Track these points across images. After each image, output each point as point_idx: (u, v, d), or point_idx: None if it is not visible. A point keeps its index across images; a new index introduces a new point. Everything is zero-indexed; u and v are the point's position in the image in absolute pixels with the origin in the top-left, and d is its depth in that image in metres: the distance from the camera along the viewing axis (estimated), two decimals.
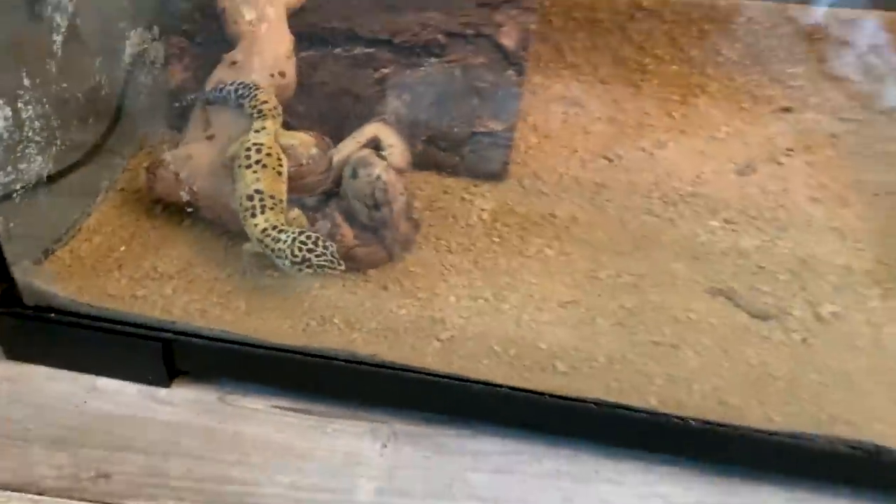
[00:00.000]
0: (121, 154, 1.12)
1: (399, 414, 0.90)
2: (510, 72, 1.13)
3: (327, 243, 0.89)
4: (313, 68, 1.10)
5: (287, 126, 1.01)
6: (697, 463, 0.88)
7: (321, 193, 0.96)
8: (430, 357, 0.89)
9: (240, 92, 0.97)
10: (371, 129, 0.97)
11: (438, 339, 0.92)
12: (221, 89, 0.99)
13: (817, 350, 0.95)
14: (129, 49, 1.09)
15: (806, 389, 0.90)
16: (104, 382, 0.93)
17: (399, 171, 0.94)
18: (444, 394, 0.87)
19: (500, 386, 0.86)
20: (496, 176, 1.13)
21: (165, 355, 0.90)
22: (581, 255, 1.04)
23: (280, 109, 0.97)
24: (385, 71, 1.10)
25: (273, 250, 0.89)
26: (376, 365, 0.86)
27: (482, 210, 1.10)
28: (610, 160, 1.20)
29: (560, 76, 1.39)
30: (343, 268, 0.89)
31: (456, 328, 0.93)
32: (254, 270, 0.94)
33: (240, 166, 0.92)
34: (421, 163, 1.11)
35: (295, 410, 0.91)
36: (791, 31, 1.41)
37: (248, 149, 0.92)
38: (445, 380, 0.86)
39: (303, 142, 0.98)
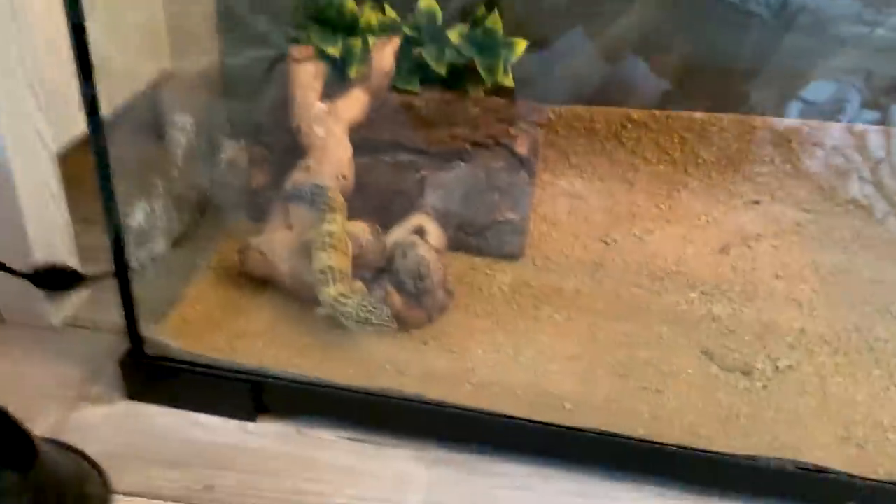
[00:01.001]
0: (212, 240, 1.39)
1: (438, 443, 1.09)
2: (523, 173, 1.40)
3: (383, 307, 1.14)
4: (367, 171, 1.30)
5: (348, 217, 1.28)
6: (679, 482, 1.09)
7: (377, 270, 1.22)
8: (462, 397, 1.12)
9: (314, 191, 1.24)
10: (416, 219, 1.24)
11: (470, 383, 1.15)
12: (300, 189, 1.27)
13: (774, 394, 1.17)
14: (224, 155, 1.37)
15: (763, 424, 1.12)
16: (205, 418, 1.17)
17: (438, 252, 1.20)
18: (475, 426, 1.06)
19: (519, 419, 1.08)
20: (514, 256, 1.35)
21: (254, 395, 1.14)
22: (583, 321, 1.23)
23: (344, 205, 1.24)
24: (424, 173, 1.32)
25: (342, 313, 1.14)
26: (421, 402, 1.08)
27: (502, 283, 1.30)
28: (607, 243, 1.42)
29: (565, 175, 1.65)
30: (395, 326, 1.14)
31: (483, 375, 1.13)
32: (325, 329, 1.20)
33: (315, 248, 1.19)
34: (452, 245, 1.31)
35: (357, 440, 1.10)
36: (758, 138, 1.68)
37: (323, 235, 1.19)
38: (475, 414, 1.06)
39: (362, 229, 1.25)
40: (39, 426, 1.11)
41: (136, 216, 1.11)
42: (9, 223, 1.17)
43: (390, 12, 1.37)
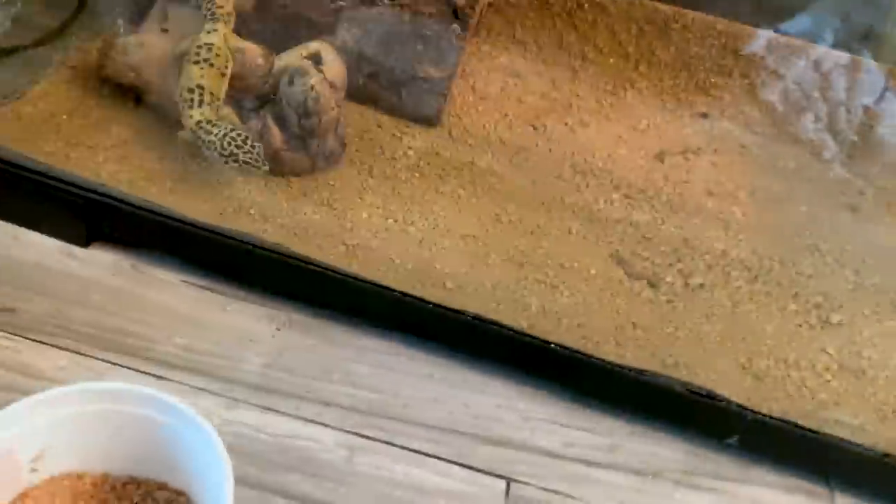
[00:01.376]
0: (78, 37, 1.17)
1: (295, 304, 0.97)
2: (455, 26, 1.22)
3: (255, 143, 0.96)
4: None
5: (239, 35, 1.08)
6: (556, 386, 0.98)
7: (259, 97, 1.03)
8: (332, 257, 0.97)
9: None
10: (314, 45, 1.05)
11: (344, 244, 1.00)
12: None
13: (679, 311, 1.06)
14: None
15: (660, 340, 1.01)
16: (26, 234, 0.99)
17: (333, 87, 1.02)
18: (339, 290, 0.94)
19: (391, 290, 0.94)
20: (428, 121, 1.20)
21: (87, 216, 0.96)
22: (490, 201, 1.12)
23: (233, 16, 1.04)
24: (341, 3, 1.17)
25: (204, 142, 0.96)
26: (281, 254, 0.94)
27: (409, 148, 1.17)
28: (535, 128, 1.27)
29: (507, 49, 1.47)
30: (267, 168, 0.97)
31: (362, 238, 1.01)
32: (185, 157, 1.01)
33: (188, 61, 0.99)
34: (360, 96, 1.17)
35: (200, 286, 0.97)
36: (722, 45, 1.53)
37: (199, 46, 0.99)
38: (342, 277, 0.94)
39: (249, 49, 1.05)
40: None
41: None
42: None
43: None
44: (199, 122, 0.96)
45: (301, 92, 0.99)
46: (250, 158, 0.95)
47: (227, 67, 1.00)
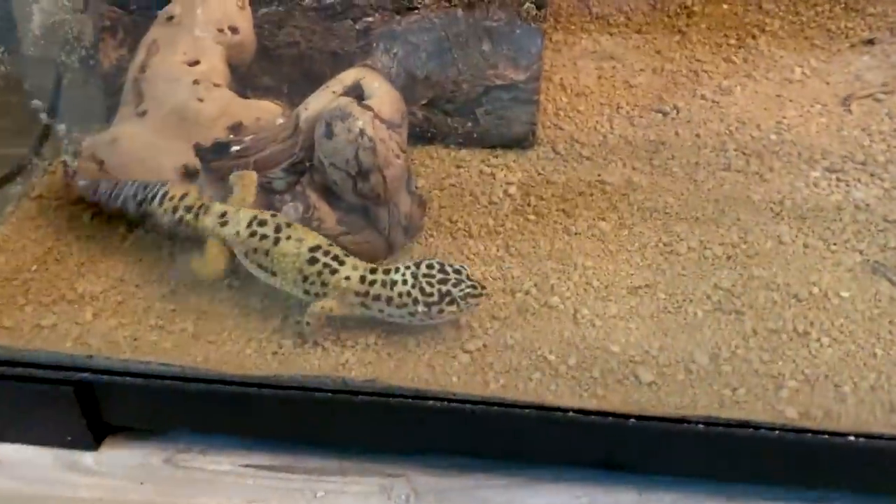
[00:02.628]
0: (42, 157, 0.87)
1: (419, 461, 0.67)
2: (528, 4, 0.88)
3: (461, 266, 0.68)
4: (277, 26, 0.92)
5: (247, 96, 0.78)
6: None
7: (289, 169, 0.70)
8: (455, 377, 0.63)
9: (140, 197, 0.73)
10: (352, 74, 0.71)
11: (465, 351, 0.66)
12: (112, 193, 0.74)
13: None
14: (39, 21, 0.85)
15: None
16: (6, 451, 0.67)
17: (391, 127, 0.68)
18: (481, 427, 0.63)
19: (563, 410, 0.59)
20: (522, 141, 0.94)
21: (85, 404, 0.65)
22: (648, 227, 0.84)
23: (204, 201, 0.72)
24: (368, 20, 0.91)
25: (386, 306, 0.66)
26: (378, 394, 0.60)
27: (508, 184, 0.93)
28: (665, 113, 1.01)
29: (586, 30, 1.20)
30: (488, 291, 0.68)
31: (489, 335, 0.70)
32: (208, 283, 0.69)
33: (256, 252, 0.68)
34: (423, 134, 0.93)
35: (272, 468, 0.67)
36: None
37: (253, 233, 0.68)
38: (481, 406, 0.60)
39: (258, 109, 0.74)
40: None
41: None
42: None
43: None
44: (362, 282, 0.66)
45: (347, 143, 0.66)
46: (468, 289, 0.67)
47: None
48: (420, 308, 0.66)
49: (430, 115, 0.92)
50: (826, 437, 0.57)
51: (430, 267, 0.68)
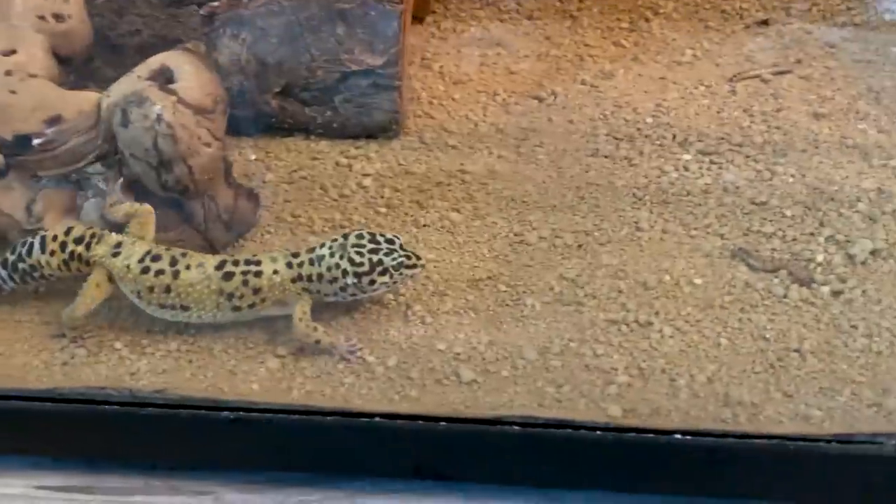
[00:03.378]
0: None
1: (231, 478, 0.61)
2: None
3: (394, 236, 0.66)
4: (118, 14, 0.89)
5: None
6: None
7: (96, 160, 0.64)
8: (256, 385, 0.58)
9: (12, 258, 0.65)
10: (159, 58, 0.66)
11: (277, 356, 0.62)
12: None
13: (857, 306, 0.64)
14: None
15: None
16: None
17: (200, 112, 0.63)
18: (286, 438, 0.58)
19: (367, 415, 0.54)
20: (386, 130, 0.90)
21: None
22: (502, 217, 0.81)
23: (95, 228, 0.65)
24: (214, 4, 0.86)
25: (315, 277, 0.64)
26: (168, 405, 0.54)
27: (363, 175, 0.89)
28: (541, 99, 0.98)
29: (475, 17, 1.16)
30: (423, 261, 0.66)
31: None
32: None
33: (167, 287, 0.62)
34: (280, 124, 0.88)
35: (68, 489, 0.61)
36: None
37: (146, 269, 0.62)
38: (281, 415, 0.54)
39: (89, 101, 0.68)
40: None
41: None
42: None
43: None
44: (290, 268, 0.65)
45: (143, 130, 0.60)
46: (402, 258, 0.65)
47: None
48: (350, 280, 0.63)
49: (285, 104, 0.88)
50: (650, 435, 0.52)
51: (359, 237, 0.66)
